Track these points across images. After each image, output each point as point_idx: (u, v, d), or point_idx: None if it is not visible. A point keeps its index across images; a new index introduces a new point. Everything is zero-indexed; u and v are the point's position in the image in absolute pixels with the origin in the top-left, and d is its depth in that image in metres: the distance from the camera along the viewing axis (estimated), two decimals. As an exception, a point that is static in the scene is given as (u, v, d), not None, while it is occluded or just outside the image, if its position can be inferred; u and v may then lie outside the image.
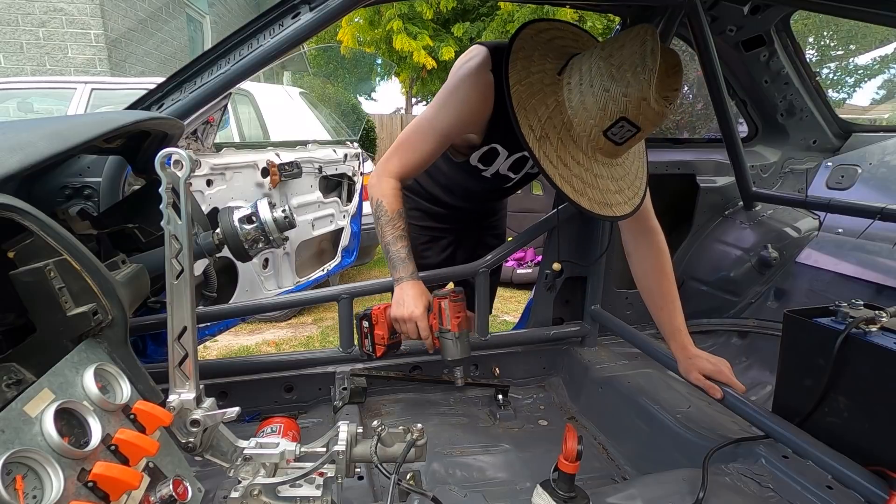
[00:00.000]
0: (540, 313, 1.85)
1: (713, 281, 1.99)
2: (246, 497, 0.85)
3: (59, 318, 0.67)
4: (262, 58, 1.10)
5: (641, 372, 1.59)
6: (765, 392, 1.64)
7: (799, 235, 1.91)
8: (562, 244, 1.81)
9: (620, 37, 1.01)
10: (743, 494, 0.98)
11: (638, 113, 0.96)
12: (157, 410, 0.72)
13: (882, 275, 1.60)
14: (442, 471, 1.32)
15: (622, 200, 1.11)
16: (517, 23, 7.95)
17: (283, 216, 0.88)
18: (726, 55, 1.84)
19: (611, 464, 1.40)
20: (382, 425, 0.94)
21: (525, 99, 1.02)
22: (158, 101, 1.13)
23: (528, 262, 4.57)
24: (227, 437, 0.87)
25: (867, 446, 1.00)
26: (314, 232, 3.45)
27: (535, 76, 1.05)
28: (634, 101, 0.94)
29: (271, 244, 0.90)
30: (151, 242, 1.04)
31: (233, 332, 3.52)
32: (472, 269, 1.66)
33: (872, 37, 8.35)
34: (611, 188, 1.08)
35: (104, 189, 1.14)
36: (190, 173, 0.77)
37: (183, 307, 0.79)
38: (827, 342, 1.04)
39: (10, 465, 0.52)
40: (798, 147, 2.08)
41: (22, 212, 0.64)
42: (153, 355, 1.41)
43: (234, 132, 3.96)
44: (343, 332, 1.56)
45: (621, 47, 0.98)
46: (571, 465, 0.89)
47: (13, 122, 0.89)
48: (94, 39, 6.56)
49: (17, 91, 4.20)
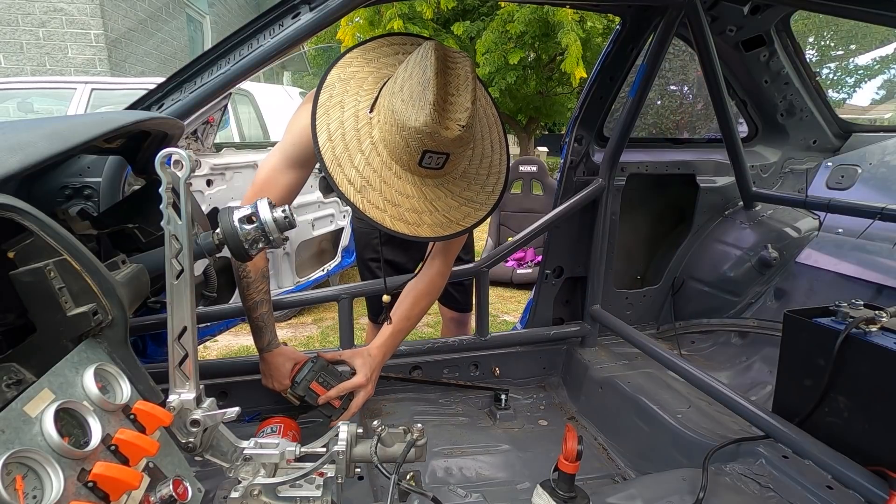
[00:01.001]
0: (540, 313, 1.85)
1: (713, 281, 1.99)
2: (246, 497, 0.85)
3: (59, 318, 0.67)
4: (262, 58, 1.10)
5: (641, 372, 1.59)
6: (765, 392, 1.64)
7: (799, 235, 1.91)
8: (562, 244, 1.81)
9: (410, 61, 0.99)
10: (743, 494, 0.98)
11: (435, 144, 0.94)
12: (157, 410, 0.72)
13: (882, 275, 1.60)
14: (442, 471, 1.32)
15: (471, 210, 1.08)
16: (517, 23, 7.94)
17: (283, 216, 0.88)
18: (726, 55, 1.84)
19: (611, 464, 1.40)
20: (382, 425, 0.95)
21: (339, 154, 1.00)
22: (158, 101, 1.13)
23: (528, 262, 4.57)
24: (227, 437, 0.87)
25: (867, 446, 1.00)
26: (314, 232, 3.45)
27: (347, 122, 1.02)
28: (426, 135, 0.93)
29: (271, 244, 0.90)
30: (151, 242, 1.03)
31: (233, 332, 3.52)
32: (472, 270, 1.66)
33: (872, 37, 8.36)
34: (454, 204, 1.06)
35: (104, 189, 1.14)
36: (190, 173, 0.77)
37: (183, 307, 0.79)
38: (827, 342, 1.04)
39: (10, 465, 0.52)
40: (798, 147, 2.08)
41: (22, 212, 0.64)
42: (153, 355, 1.41)
43: (234, 132, 3.96)
44: (343, 332, 1.56)
45: (410, 77, 0.96)
46: (571, 465, 0.89)
47: (13, 122, 0.89)
48: (94, 39, 6.56)
49: (17, 91, 4.20)
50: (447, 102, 0.95)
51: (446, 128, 0.93)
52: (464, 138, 0.96)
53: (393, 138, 0.97)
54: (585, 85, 1.73)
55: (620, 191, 1.80)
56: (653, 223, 2.13)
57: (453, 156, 0.99)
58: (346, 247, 3.91)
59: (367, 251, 1.87)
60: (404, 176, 1.01)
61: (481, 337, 1.70)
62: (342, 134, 1.02)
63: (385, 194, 1.00)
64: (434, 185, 1.03)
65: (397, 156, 0.99)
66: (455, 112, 0.95)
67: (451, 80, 0.97)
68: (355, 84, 1.07)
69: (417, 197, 1.02)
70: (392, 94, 0.97)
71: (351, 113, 1.03)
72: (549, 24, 7.91)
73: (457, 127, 0.94)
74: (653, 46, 1.53)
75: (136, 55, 7.41)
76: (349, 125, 1.02)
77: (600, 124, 1.79)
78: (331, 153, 1.00)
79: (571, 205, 1.69)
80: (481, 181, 1.11)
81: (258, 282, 1.22)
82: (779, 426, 1.09)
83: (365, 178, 1.00)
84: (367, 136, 1.02)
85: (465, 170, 1.09)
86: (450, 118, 0.94)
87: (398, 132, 0.95)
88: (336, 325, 1.89)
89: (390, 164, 1.00)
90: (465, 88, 0.97)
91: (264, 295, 1.24)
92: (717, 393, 1.25)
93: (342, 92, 1.06)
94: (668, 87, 3.95)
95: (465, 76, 0.98)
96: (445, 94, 0.95)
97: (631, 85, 1.64)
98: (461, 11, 8.79)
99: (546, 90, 10.39)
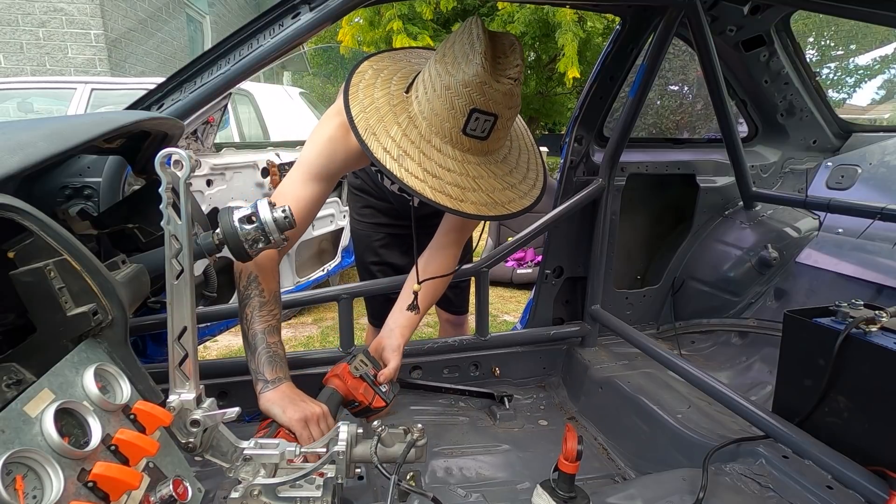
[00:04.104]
0: (540, 313, 1.85)
1: (713, 281, 1.99)
2: (246, 497, 0.85)
3: (59, 318, 0.67)
4: (262, 58, 1.10)
5: (641, 372, 1.59)
6: (765, 392, 1.64)
7: (799, 235, 1.91)
8: (562, 244, 1.81)
9: (451, 37, 0.98)
10: (743, 494, 0.98)
11: (485, 99, 0.91)
12: (157, 410, 0.72)
13: (882, 275, 1.60)
14: (442, 471, 1.32)
15: (515, 196, 1.05)
16: (517, 23, 7.95)
17: (283, 216, 0.88)
18: (726, 55, 1.84)
19: (611, 464, 1.40)
20: (382, 425, 0.95)
21: (373, 124, 0.97)
22: (158, 101, 1.13)
23: (528, 262, 4.57)
24: (227, 438, 0.87)
25: (867, 446, 1.00)
26: (314, 232, 3.45)
27: (380, 101, 1.00)
28: (476, 87, 0.90)
29: (271, 244, 0.90)
30: (151, 242, 1.03)
31: (233, 332, 3.52)
32: (472, 270, 1.66)
33: (872, 37, 8.37)
34: (497, 186, 1.02)
35: (104, 189, 1.14)
36: (190, 173, 0.77)
37: (183, 307, 0.79)
38: (827, 342, 1.04)
39: (10, 465, 0.52)
40: (798, 147, 2.08)
41: (22, 212, 0.64)
42: (153, 355, 1.41)
43: (234, 132, 3.96)
44: (343, 333, 1.56)
45: (452, 45, 0.95)
46: (571, 465, 0.89)
47: (13, 122, 0.89)
48: (94, 39, 6.57)
49: (17, 91, 4.20)
50: (496, 60, 0.93)
51: (497, 80, 0.91)
52: (514, 94, 0.93)
53: (434, 106, 0.94)
54: (585, 85, 1.73)
55: (620, 191, 1.80)
56: (653, 223, 2.13)
57: (499, 124, 0.96)
58: (346, 247, 3.91)
59: (367, 254, 1.83)
60: (445, 149, 0.97)
61: (481, 337, 1.70)
62: (376, 108, 0.99)
63: (424, 165, 0.96)
64: (476, 162, 1.00)
65: (438, 126, 0.95)
66: (505, 69, 0.93)
67: (497, 45, 0.96)
68: (388, 73, 1.06)
69: (459, 172, 0.98)
70: (434, 63, 0.96)
71: (384, 93, 1.02)
72: (549, 24, 7.91)
73: (507, 80, 0.92)
74: (653, 46, 1.53)
75: (136, 55, 7.41)
76: (382, 101, 1.00)
77: (600, 124, 1.79)
78: (364, 123, 0.97)
79: (571, 205, 1.69)
80: (522, 171, 1.09)
81: (272, 304, 1.10)
82: (779, 426, 1.09)
83: (402, 147, 0.96)
84: (403, 111, 0.99)
85: (505, 157, 1.07)
86: (500, 73, 0.92)
87: (443, 94, 0.92)
88: (336, 325, 1.89)
89: (430, 136, 0.97)
90: (513, 51, 0.96)
91: (278, 321, 1.12)
92: (717, 393, 1.25)
93: (375, 76, 1.04)
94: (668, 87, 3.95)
95: (512, 42, 0.97)
96: (495, 53, 0.94)
97: (631, 85, 1.64)
98: (461, 12, 8.78)
99: (546, 90, 10.40)
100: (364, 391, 1.14)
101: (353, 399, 1.14)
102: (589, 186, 1.72)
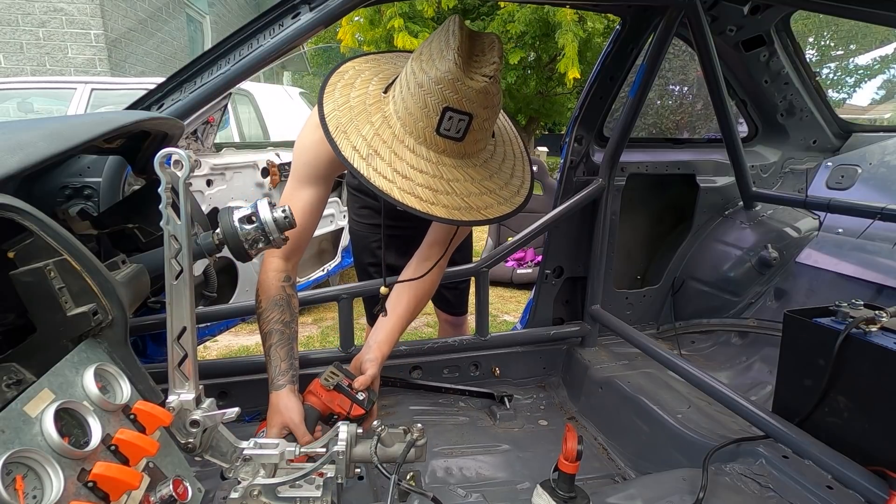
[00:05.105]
0: (540, 313, 1.85)
1: (713, 281, 1.99)
2: (246, 497, 0.85)
3: (59, 318, 0.67)
4: (262, 58, 1.10)
5: (641, 372, 1.59)
6: (765, 392, 1.64)
7: (799, 235, 1.91)
8: (562, 244, 1.81)
9: (431, 35, 0.96)
10: (743, 494, 0.98)
11: (458, 97, 0.88)
12: (157, 410, 0.72)
13: (882, 275, 1.60)
14: (442, 471, 1.32)
15: (494, 202, 1.00)
16: (517, 23, 7.94)
17: (283, 216, 0.88)
18: (726, 55, 1.84)
19: (611, 464, 1.40)
20: (382, 425, 0.95)
21: (345, 123, 0.95)
22: (158, 101, 1.13)
23: (528, 262, 4.57)
24: (227, 438, 0.87)
25: (867, 446, 1.00)
26: (314, 232, 3.45)
27: (355, 100, 0.98)
28: (448, 85, 0.87)
29: (271, 244, 0.90)
30: (151, 242, 1.03)
31: (233, 332, 3.52)
32: (472, 270, 1.66)
33: (872, 37, 8.36)
34: (474, 191, 0.98)
35: (104, 189, 1.14)
36: (190, 173, 0.77)
37: (183, 307, 0.79)
38: (827, 342, 1.04)
39: (10, 465, 0.52)
40: (798, 147, 2.08)
41: (22, 212, 0.64)
42: (153, 355, 1.41)
43: (234, 132, 3.96)
44: (343, 333, 1.56)
45: (430, 43, 0.93)
46: (571, 465, 0.89)
47: (13, 122, 0.89)
48: (94, 39, 6.56)
49: (17, 91, 4.20)
50: (472, 57, 0.91)
51: (471, 77, 0.88)
52: (489, 93, 0.90)
53: (408, 105, 0.92)
54: (585, 85, 1.73)
55: (620, 191, 1.80)
56: (653, 223, 2.13)
57: (475, 125, 0.93)
58: (346, 247, 3.90)
59: (364, 255, 1.81)
60: (418, 150, 0.94)
61: (481, 337, 1.70)
62: (350, 107, 0.97)
63: (395, 165, 0.93)
64: (453, 165, 0.96)
65: (412, 125, 0.93)
66: (481, 66, 0.90)
67: (476, 44, 0.94)
68: (370, 73, 1.04)
69: (433, 174, 0.94)
70: (411, 62, 0.93)
71: (361, 92, 1.00)
72: (550, 24, 7.90)
73: (482, 78, 0.89)
74: (653, 46, 1.53)
75: (136, 55, 7.41)
76: (358, 100, 0.98)
77: (600, 124, 1.79)
78: (335, 121, 0.95)
79: (571, 205, 1.69)
80: (505, 177, 1.05)
81: (269, 310, 1.15)
82: (779, 426, 1.09)
83: (372, 147, 0.93)
84: (378, 110, 0.97)
85: (486, 161, 1.03)
86: (475, 70, 0.89)
87: (416, 91, 0.90)
88: (336, 325, 1.89)
89: (403, 137, 0.94)
90: (491, 49, 0.93)
91: (278, 326, 1.16)
92: (717, 393, 1.25)
93: (355, 76, 1.03)
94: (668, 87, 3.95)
95: (491, 41, 0.95)
96: (471, 51, 0.91)
97: (631, 85, 1.64)
98: (461, 11, 8.78)
99: (546, 90, 10.38)
100: (340, 402, 1.12)
101: (330, 411, 1.13)
102: (589, 186, 1.72)
